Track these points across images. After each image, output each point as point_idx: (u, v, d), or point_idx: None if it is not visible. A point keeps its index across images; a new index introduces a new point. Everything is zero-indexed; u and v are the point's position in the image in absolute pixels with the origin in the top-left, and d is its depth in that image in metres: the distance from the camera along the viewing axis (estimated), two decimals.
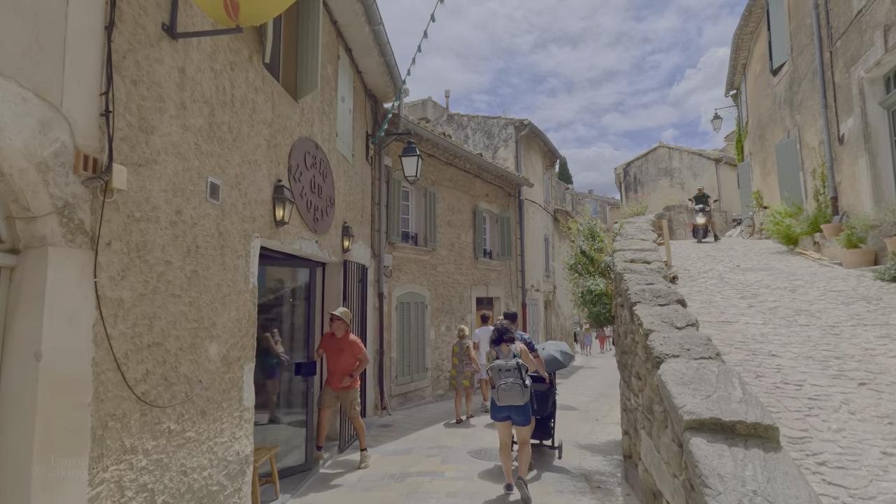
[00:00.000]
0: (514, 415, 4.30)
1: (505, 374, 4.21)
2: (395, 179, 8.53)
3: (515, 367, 4.22)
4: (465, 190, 10.88)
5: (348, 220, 6.41)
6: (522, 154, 13.70)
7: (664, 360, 3.26)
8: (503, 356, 4.33)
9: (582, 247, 5.73)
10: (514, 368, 4.21)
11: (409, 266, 8.96)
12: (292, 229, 4.39)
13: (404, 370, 8.62)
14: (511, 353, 4.34)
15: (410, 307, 8.89)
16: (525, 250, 13.30)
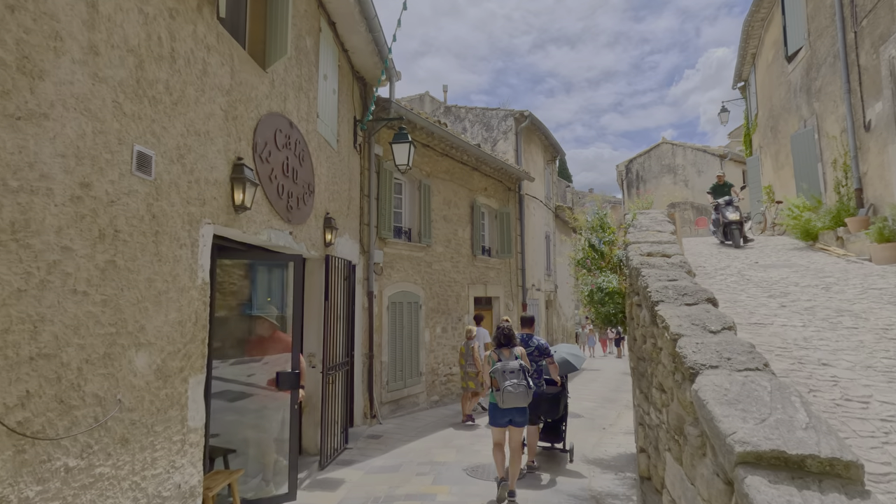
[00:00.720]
0: (517, 416, 4.27)
1: (510, 375, 4.13)
2: (386, 170, 7.93)
3: (519, 369, 4.17)
4: (462, 183, 10.28)
5: (332, 211, 5.81)
6: (523, 147, 13.11)
7: (700, 372, 2.66)
8: (504, 358, 4.29)
9: (591, 240, 5.15)
10: (517, 370, 4.15)
11: (401, 263, 8.36)
12: (258, 217, 3.79)
13: (396, 375, 8.03)
14: (513, 356, 4.31)
15: (403, 307, 8.30)
16: (525, 248, 12.70)
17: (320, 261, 5.52)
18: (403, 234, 8.71)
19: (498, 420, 4.28)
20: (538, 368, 5.27)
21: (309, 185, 4.97)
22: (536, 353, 5.29)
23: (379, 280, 7.80)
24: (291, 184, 4.47)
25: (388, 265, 8.05)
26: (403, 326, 8.27)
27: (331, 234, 5.56)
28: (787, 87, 10.84)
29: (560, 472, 5.24)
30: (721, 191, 9.64)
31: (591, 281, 4.91)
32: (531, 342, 5.36)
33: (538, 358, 5.29)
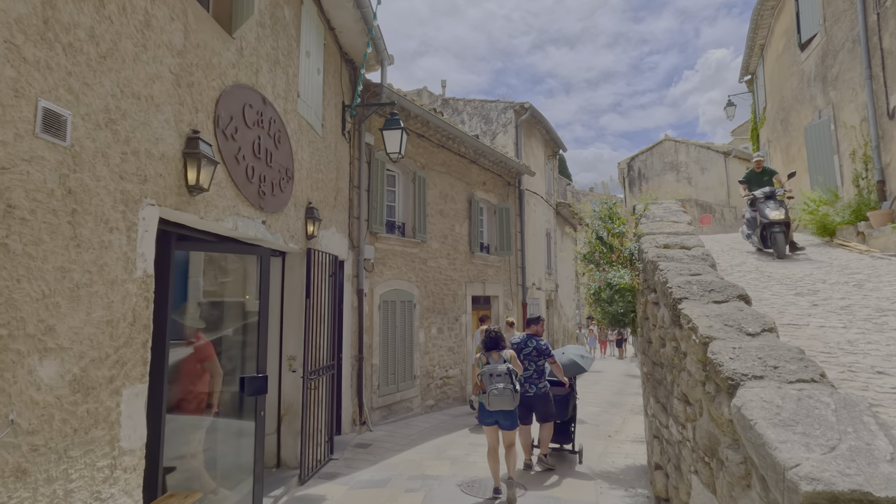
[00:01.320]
0: (502, 419, 4.30)
1: (496, 379, 4.17)
2: (377, 160, 7.45)
3: (506, 372, 4.20)
4: (459, 176, 9.80)
5: (315, 201, 5.33)
6: (523, 141, 12.63)
7: (741, 384, 2.19)
8: (493, 361, 4.32)
9: (598, 231, 4.67)
10: (504, 374, 4.19)
11: (394, 260, 7.87)
12: (221, 201, 3.31)
13: (388, 379, 7.54)
14: (501, 359, 4.34)
15: (396, 307, 7.81)
16: (526, 245, 12.22)
17: (301, 255, 5.03)
18: (397, 228, 8.22)
19: (485, 418, 4.39)
20: (538, 369, 5.24)
21: (287, 171, 4.48)
22: (535, 354, 5.23)
23: (370, 277, 7.32)
24: (265, 167, 3.99)
25: (380, 262, 7.57)
26: (396, 327, 7.79)
27: (313, 225, 5.08)
28: (799, 76, 10.36)
29: (569, 474, 5.20)
30: (759, 180, 7.07)
31: (600, 277, 4.43)
32: (530, 342, 5.30)
33: (536, 359, 5.23)
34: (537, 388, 5.20)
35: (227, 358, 4.03)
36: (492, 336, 4.45)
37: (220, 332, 4.09)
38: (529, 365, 5.20)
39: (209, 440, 3.87)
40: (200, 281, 3.95)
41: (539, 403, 5.20)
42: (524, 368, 5.13)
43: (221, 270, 4.27)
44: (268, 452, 4.95)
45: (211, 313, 4.11)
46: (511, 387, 4.15)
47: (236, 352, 4.19)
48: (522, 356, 5.20)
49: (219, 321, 4.16)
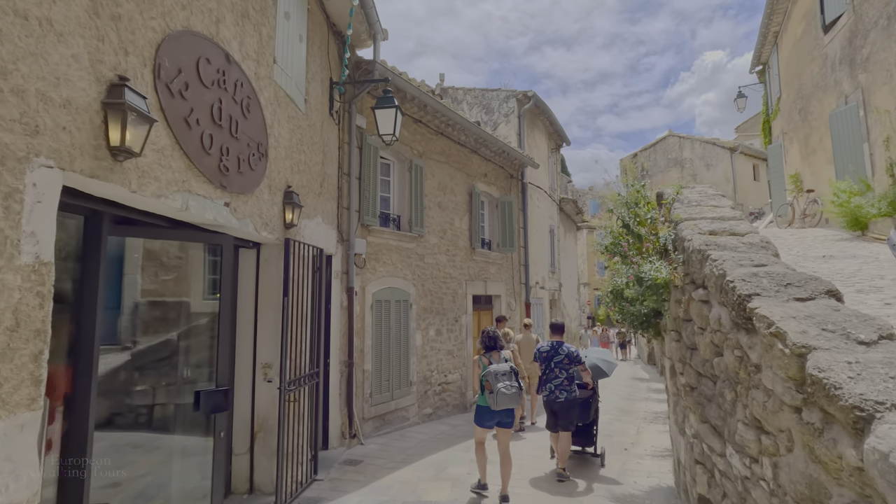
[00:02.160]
0: (504, 417, 4.33)
1: (502, 377, 4.19)
2: (370, 145, 6.77)
3: (510, 371, 4.25)
4: (459, 167, 9.12)
5: (296, 185, 4.65)
6: (526, 132, 11.96)
7: (876, 418, 1.53)
8: (495, 361, 4.37)
9: (624, 218, 4.01)
10: (508, 372, 4.23)
11: (388, 255, 7.20)
12: (164, 173, 2.62)
13: (382, 386, 6.86)
14: (501, 358, 4.40)
15: (391, 306, 7.13)
16: (529, 242, 11.55)
17: (278, 246, 4.35)
18: (391, 221, 7.54)
19: (486, 422, 4.34)
20: (569, 376, 5.24)
21: (259, 146, 3.80)
22: (566, 361, 5.23)
23: (361, 274, 6.63)
24: (228, 138, 3.31)
25: (373, 257, 6.89)
26: (391, 328, 7.11)
27: (293, 212, 4.39)
28: (821, 61, 9.70)
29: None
30: None
31: (627, 271, 3.76)
32: (561, 350, 5.30)
33: (568, 366, 5.24)
34: (567, 394, 5.17)
35: (174, 366, 3.34)
36: (491, 336, 4.52)
37: (163, 337, 3.40)
38: (560, 372, 5.20)
39: (160, 463, 3.19)
40: (138, 279, 3.25)
41: (566, 410, 5.17)
42: (555, 376, 5.20)
43: (168, 265, 3.58)
44: (239, 476, 4.26)
45: (159, 314, 3.42)
46: (517, 385, 4.24)
47: (196, 359, 3.50)
48: (553, 364, 5.23)
49: (166, 324, 3.47)
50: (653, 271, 3.33)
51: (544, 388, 5.27)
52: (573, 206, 16.20)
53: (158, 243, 3.38)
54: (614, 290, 5.33)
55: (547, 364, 5.28)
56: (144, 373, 3.16)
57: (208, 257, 3.71)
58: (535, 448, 6.28)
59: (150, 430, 3.12)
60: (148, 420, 3.11)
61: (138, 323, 3.35)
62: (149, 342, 3.02)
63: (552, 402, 5.18)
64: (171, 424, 3.26)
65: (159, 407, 3.08)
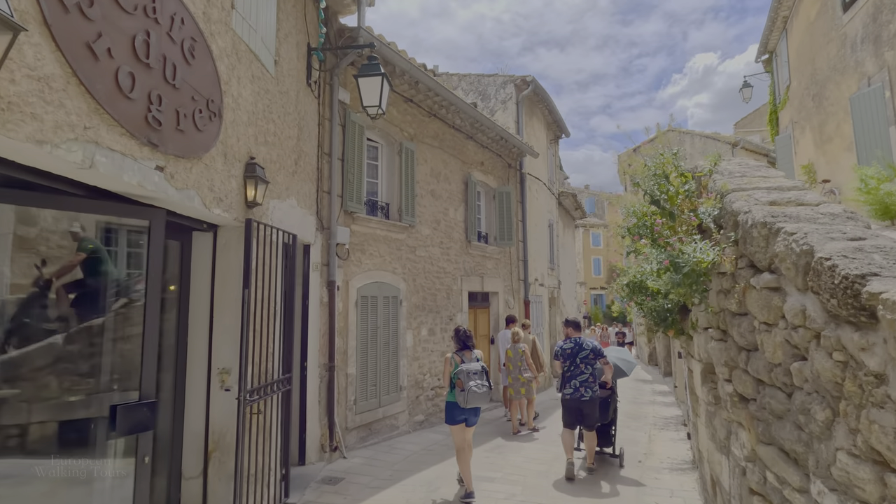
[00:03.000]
0: (472, 415, 4.41)
1: (473, 376, 4.25)
2: (354, 123, 6.08)
3: (481, 370, 4.31)
4: (454, 153, 8.44)
5: (263, 158, 3.95)
6: (524, 120, 11.30)
7: None
8: (467, 360, 4.40)
9: (653, 193, 3.34)
10: (480, 371, 4.29)
11: (375, 246, 6.50)
12: (51, 112, 1.92)
13: (368, 392, 6.16)
14: (473, 357, 4.45)
15: (378, 303, 6.44)
16: (528, 236, 10.89)
17: (239, 229, 3.65)
18: (379, 209, 6.84)
19: (456, 417, 4.38)
20: (594, 372, 5.15)
21: (209, 103, 3.10)
22: (592, 357, 5.16)
23: (344, 267, 5.93)
24: (162, 83, 2.61)
25: (358, 248, 6.19)
26: (378, 328, 6.41)
27: (257, 189, 3.69)
28: (840, 42, 9.09)
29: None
30: None
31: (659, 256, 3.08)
32: (585, 345, 5.24)
33: (593, 361, 5.16)
34: (593, 392, 5.10)
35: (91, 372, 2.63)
36: (464, 334, 4.56)
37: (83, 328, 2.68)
38: (586, 368, 5.13)
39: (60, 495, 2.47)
40: None
41: (590, 408, 5.11)
42: (581, 372, 5.13)
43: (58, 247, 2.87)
44: None
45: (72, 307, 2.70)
46: (487, 384, 4.32)
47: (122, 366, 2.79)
48: (579, 359, 5.16)
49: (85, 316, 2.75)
50: (697, 253, 2.65)
51: (568, 385, 5.16)
52: (572, 200, 15.56)
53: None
54: (632, 283, 4.67)
55: (571, 360, 5.19)
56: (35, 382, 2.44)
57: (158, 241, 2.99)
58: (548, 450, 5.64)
59: (56, 455, 2.41)
60: (55, 442, 2.40)
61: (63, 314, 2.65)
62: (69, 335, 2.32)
63: (577, 399, 5.09)
64: (84, 447, 2.55)
65: (63, 426, 2.37)
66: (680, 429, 7.59)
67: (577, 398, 5.08)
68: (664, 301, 4.27)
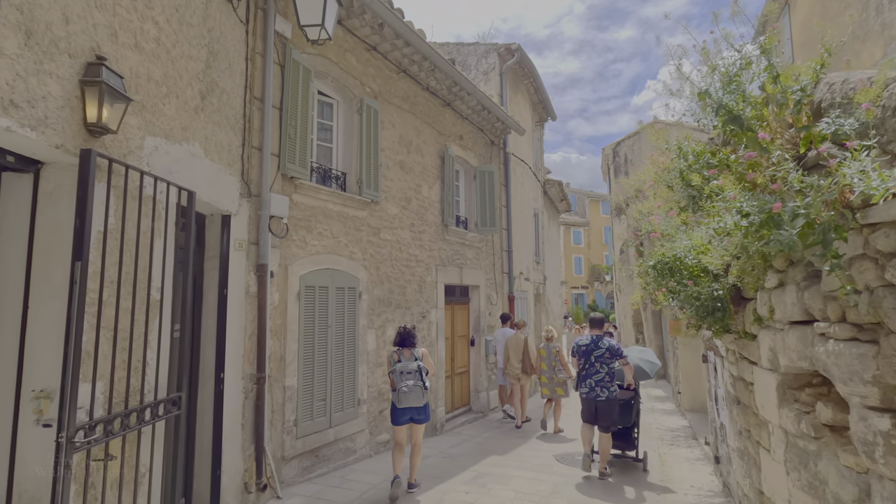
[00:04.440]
0: (416, 414, 4.31)
1: (406, 376, 4.21)
2: (298, 64, 4.75)
3: (416, 370, 4.24)
4: (428, 121, 7.16)
5: (126, 66, 2.60)
6: (509, 95, 10.10)
7: None
8: (405, 359, 4.32)
9: (730, 105, 2.13)
10: (415, 371, 4.23)
11: (327, 224, 5.17)
12: None
13: (314, 408, 4.82)
14: (413, 356, 4.35)
15: (329, 296, 5.11)
16: (512, 224, 9.68)
17: (70, 168, 2.30)
18: (333, 179, 5.51)
19: (399, 419, 4.30)
20: (610, 372, 4.98)
21: None
22: (608, 356, 4.97)
23: (283, 248, 4.59)
24: None
25: (303, 224, 4.85)
26: (330, 326, 5.08)
27: (111, 108, 2.35)
28: (860, 6, 8.14)
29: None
30: None
31: (748, 205, 1.85)
32: (601, 343, 5.02)
33: (609, 360, 4.98)
34: (609, 392, 4.92)
35: None
36: (404, 332, 4.46)
37: None
38: (601, 367, 4.96)
39: None
40: None
41: (606, 409, 4.94)
42: (595, 371, 4.96)
43: None
44: None
45: None
46: (421, 384, 4.22)
47: None
48: (594, 358, 4.98)
49: None
50: (884, 182, 1.36)
51: (583, 384, 4.99)
52: (558, 189, 14.43)
53: None
54: (660, 264, 3.48)
55: (586, 359, 5.01)
56: None
57: None
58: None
59: None
60: None
61: None
62: None
63: (592, 399, 4.94)
64: None
65: None
66: (692, 444, 6.47)
67: (593, 398, 4.92)
68: (711, 286, 3.07)
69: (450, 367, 7.65)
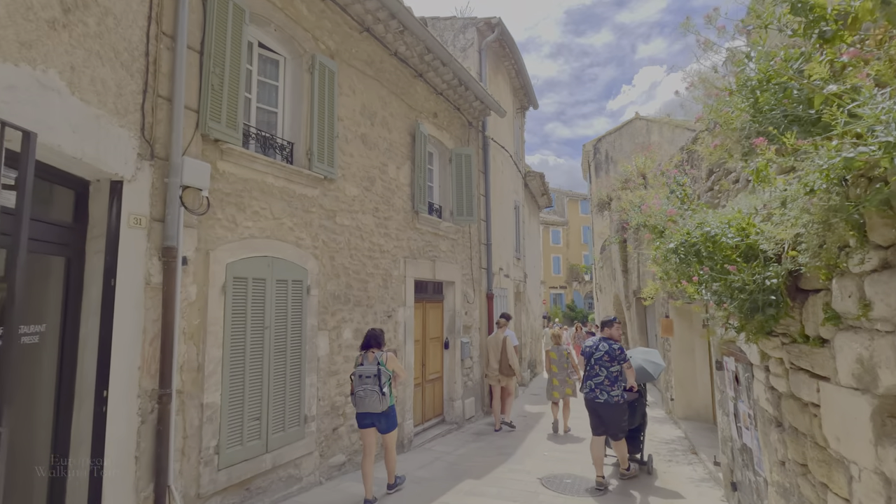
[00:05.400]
0: (377, 422, 4.19)
1: (364, 380, 4.08)
2: (229, 1, 3.79)
3: (375, 375, 4.08)
4: (397, 91, 6.26)
5: None
6: (488, 76, 9.27)
7: None
8: (367, 363, 4.16)
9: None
10: (373, 375, 4.07)
11: (265, 201, 4.21)
12: None
13: (245, 429, 3.86)
14: (375, 360, 4.16)
15: (268, 289, 4.16)
16: (492, 215, 8.85)
17: None
18: (278, 149, 4.56)
19: (361, 421, 4.23)
20: (609, 375, 4.80)
21: None
22: (606, 359, 4.82)
23: (203, 228, 3.63)
24: None
25: (232, 200, 3.89)
26: (268, 328, 4.13)
27: None
28: None
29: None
30: None
31: (826, 160, 1.05)
32: (601, 346, 4.89)
33: (608, 364, 4.81)
34: (608, 396, 4.76)
35: None
36: (369, 335, 4.31)
37: None
38: (600, 370, 4.84)
39: None
40: None
41: (608, 414, 4.78)
42: (595, 374, 4.85)
43: None
44: None
45: None
46: (376, 389, 4.04)
47: None
48: (594, 361, 4.90)
49: None
50: None
51: (585, 385, 4.96)
52: (539, 182, 13.68)
53: None
54: (683, 248, 2.67)
55: (588, 360, 4.96)
56: None
57: None
58: None
59: None
60: None
61: None
62: None
63: (591, 401, 4.87)
64: None
65: None
66: (693, 461, 5.73)
67: (592, 399, 4.87)
68: (763, 272, 2.26)
69: (420, 374, 6.76)
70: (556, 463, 5.60)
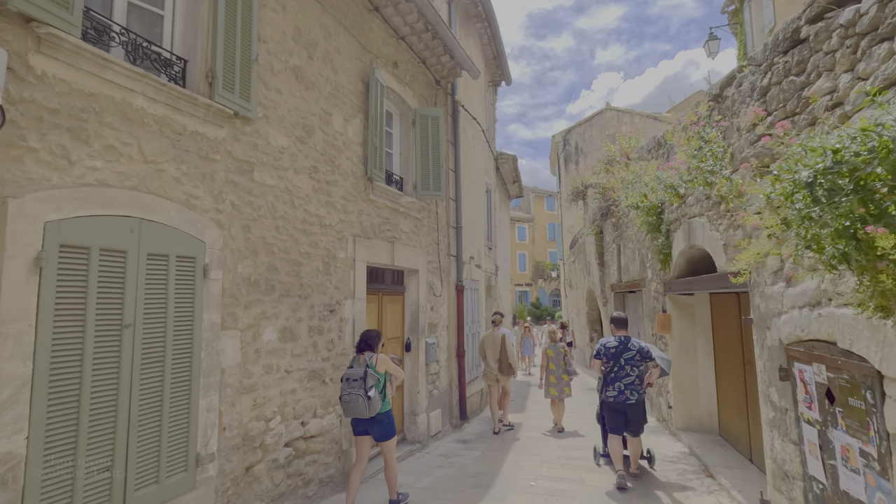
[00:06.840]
0: (370, 429, 3.91)
1: (351, 384, 3.79)
2: None
3: (361, 378, 3.79)
4: (346, 24, 4.88)
5: None
6: (459, 35, 7.99)
7: None
8: (356, 365, 3.89)
9: None
10: (359, 378, 3.79)
11: (129, 132, 2.75)
12: None
13: (79, 490, 2.42)
14: (364, 363, 3.87)
15: (130, 267, 2.71)
16: (462, 194, 7.58)
17: None
18: (161, 64, 3.09)
19: (355, 428, 3.98)
20: (640, 374, 4.73)
21: None
22: (638, 358, 4.71)
23: None
24: None
25: (63, 121, 2.43)
26: (130, 325, 2.68)
27: None
28: None
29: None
30: None
31: None
32: (631, 345, 4.76)
33: (639, 363, 4.71)
34: (639, 395, 4.71)
35: None
36: (361, 336, 4.03)
37: None
38: (632, 370, 4.71)
39: None
40: None
41: (636, 413, 4.74)
42: (626, 374, 4.70)
43: None
44: None
45: None
46: (361, 393, 3.72)
47: None
48: (623, 360, 4.71)
49: None
50: None
51: (612, 387, 4.72)
52: (512, 167, 12.52)
53: None
54: (830, 176, 1.43)
55: (615, 361, 4.71)
56: None
57: None
58: None
59: None
60: None
61: None
62: None
63: (621, 403, 4.67)
64: None
65: None
66: (713, 488, 4.63)
67: (622, 401, 4.66)
68: None
69: None
70: (547, 497, 4.38)
